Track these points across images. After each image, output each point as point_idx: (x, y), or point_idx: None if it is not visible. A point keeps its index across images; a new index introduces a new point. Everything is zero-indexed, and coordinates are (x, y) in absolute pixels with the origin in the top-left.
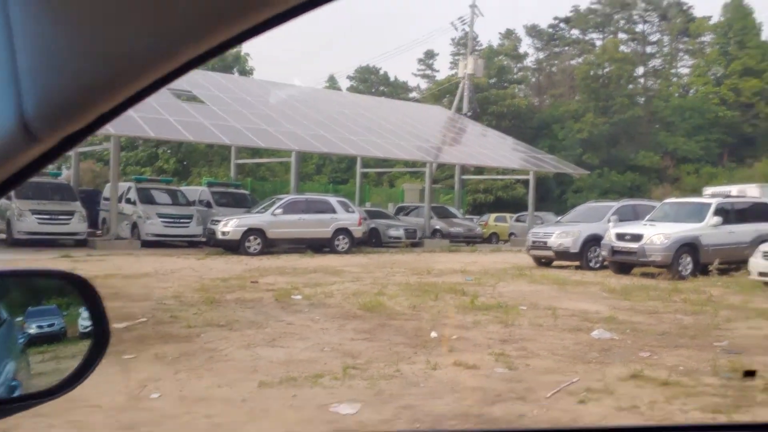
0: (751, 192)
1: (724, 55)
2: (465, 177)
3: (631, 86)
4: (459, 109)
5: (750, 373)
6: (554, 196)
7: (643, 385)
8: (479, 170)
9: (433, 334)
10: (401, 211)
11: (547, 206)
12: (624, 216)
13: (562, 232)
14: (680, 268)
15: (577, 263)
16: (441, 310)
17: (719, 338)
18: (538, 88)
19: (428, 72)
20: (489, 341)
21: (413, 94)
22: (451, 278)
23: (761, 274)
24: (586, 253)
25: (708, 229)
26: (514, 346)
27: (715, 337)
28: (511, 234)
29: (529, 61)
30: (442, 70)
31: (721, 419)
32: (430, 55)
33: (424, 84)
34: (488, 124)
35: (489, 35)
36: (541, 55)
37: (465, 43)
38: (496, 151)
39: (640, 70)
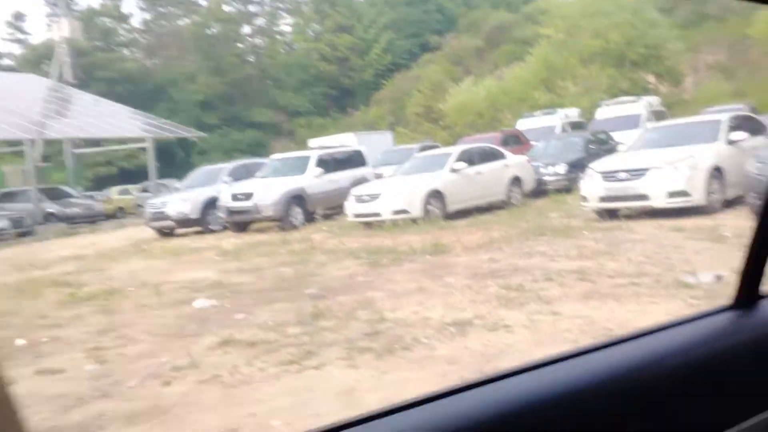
0: (348, 141)
1: (319, 13)
2: (79, 151)
3: (240, 45)
4: (60, 77)
5: None
6: (180, 160)
7: (231, 351)
8: (96, 142)
9: (20, 342)
10: (5, 198)
11: (174, 172)
12: (239, 176)
13: (180, 200)
14: (291, 219)
15: (198, 228)
16: (39, 311)
17: (310, 285)
18: (149, 51)
19: (20, 36)
20: (85, 336)
21: (6, 62)
22: (60, 268)
23: (356, 215)
24: (206, 218)
25: (312, 180)
26: (113, 335)
27: (307, 285)
28: (138, 206)
29: (136, 23)
30: (38, 32)
31: (294, 368)
32: (18, 16)
33: (19, 50)
34: (98, 91)
35: None
36: (148, 16)
37: (58, 3)
38: (110, 120)
39: (247, 30)
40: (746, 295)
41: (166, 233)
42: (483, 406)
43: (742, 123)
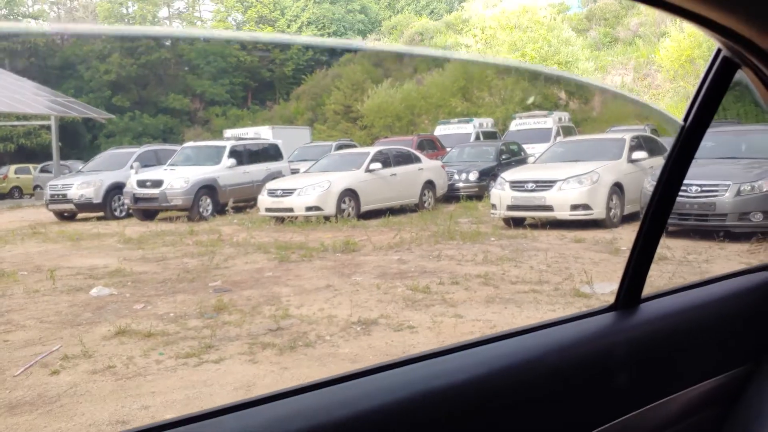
0: (264, 133)
1: (241, 2)
2: None
3: (157, 28)
4: None
5: None
6: (86, 142)
7: (127, 341)
8: None
9: None
10: None
11: (79, 153)
12: (147, 162)
13: (83, 183)
14: (201, 210)
15: (101, 214)
16: None
17: (216, 278)
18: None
19: None
20: None
21: None
22: None
23: (267, 209)
24: (109, 203)
25: (224, 171)
26: None
27: (213, 277)
28: (36, 187)
29: None
30: None
31: (193, 362)
32: None
33: None
34: (0, 63)
35: None
36: None
37: None
38: (11, 94)
39: (165, 12)
40: (627, 298)
41: (66, 217)
42: (353, 399)
43: (643, 143)
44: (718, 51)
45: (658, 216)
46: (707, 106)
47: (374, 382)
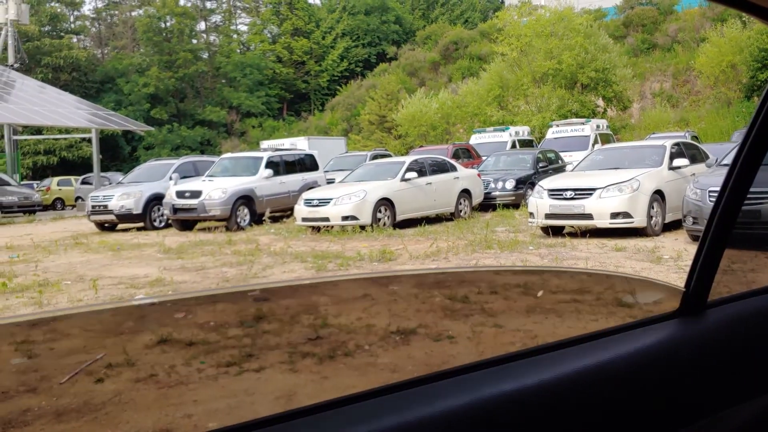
0: (300, 144)
1: (277, 15)
2: (19, 138)
3: (194, 41)
4: (3, 61)
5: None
6: (125, 154)
7: (169, 350)
8: (38, 130)
9: None
10: None
11: (119, 165)
12: (185, 173)
13: (123, 194)
14: (239, 220)
15: (140, 224)
16: None
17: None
18: (99, 40)
19: None
20: (15, 329)
21: None
22: None
23: (304, 219)
24: (149, 214)
25: (261, 181)
26: (42, 329)
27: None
28: (77, 198)
29: (86, 10)
30: None
31: (234, 370)
32: None
33: None
34: (44, 77)
35: None
36: (100, 4)
37: None
38: (54, 108)
39: (202, 26)
40: (692, 304)
41: (106, 227)
42: (430, 404)
43: (684, 150)
44: None
45: (727, 215)
46: None
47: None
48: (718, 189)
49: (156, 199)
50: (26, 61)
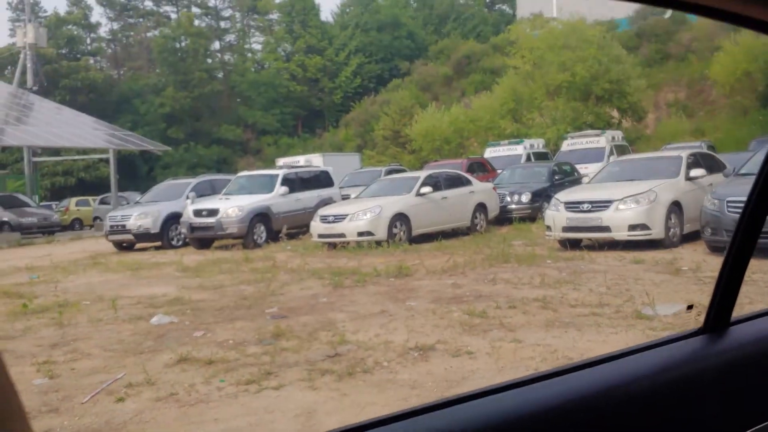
0: (315, 161)
1: (290, 33)
2: (38, 159)
3: (209, 60)
4: (23, 84)
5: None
6: (143, 173)
7: (188, 369)
8: (56, 151)
9: None
10: None
11: (136, 185)
12: (202, 191)
13: (141, 213)
14: (255, 237)
15: (158, 243)
16: None
17: (272, 304)
18: (115, 61)
19: None
20: (36, 349)
21: None
22: (11, 279)
23: (320, 236)
24: (167, 233)
25: (277, 199)
26: (65, 349)
27: (269, 304)
28: (95, 218)
29: (103, 32)
30: (1, 37)
31: (253, 388)
32: None
33: None
34: (62, 99)
35: (54, 1)
36: (116, 26)
37: (24, 8)
38: (72, 129)
39: (217, 45)
40: (716, 321)
41: (124, 247)
42: (460, 426)
43: (701, 160)
44: None
45: (749, 233)
46: None
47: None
48: (736, 199)
49: (173, 218)
50: (45, 83)
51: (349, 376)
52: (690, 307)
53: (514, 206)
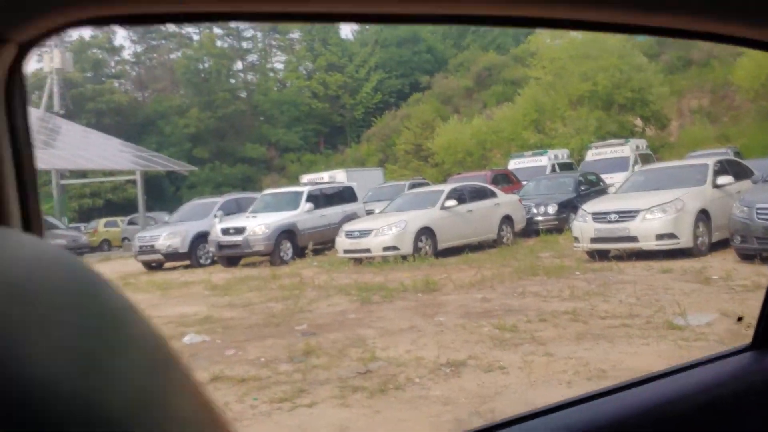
0: (339, 177)
1: (311, 51)
2: (66, 182)
3: (232, 81)
4: (50, 108)
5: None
6: (169, 194)
7: (221, 387)
8: (83, 173)
9: None
10: None
11: (162, 205)
12: (229, 210)
13: (169, 233)
14: (282, 254)
15: (187, 263)
16: None
17: (301, 321)
18: (139, 83)
19: None
20: None
21: None
22: None
23: (345, 251)
24: (195, 252)
25: (303, 215)
26: None
27: (298, 321)
28: (124, 239)
29: (126, 54)
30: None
31: (287, 406)
32: None
33: None
34: (88, 122)
35: None
36: (139, 48)
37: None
38: (100, 152)
39: (239, 65)
40: (765, 337)
41: (153, 267)
42: None
43: (728, 167)
44: None
45: None
46: None
47: None
48: (766, 206)
49: (201, 237)
50: (71, 107)
51: (381, 392)
52: (740, 319)
53: (540, 218)
